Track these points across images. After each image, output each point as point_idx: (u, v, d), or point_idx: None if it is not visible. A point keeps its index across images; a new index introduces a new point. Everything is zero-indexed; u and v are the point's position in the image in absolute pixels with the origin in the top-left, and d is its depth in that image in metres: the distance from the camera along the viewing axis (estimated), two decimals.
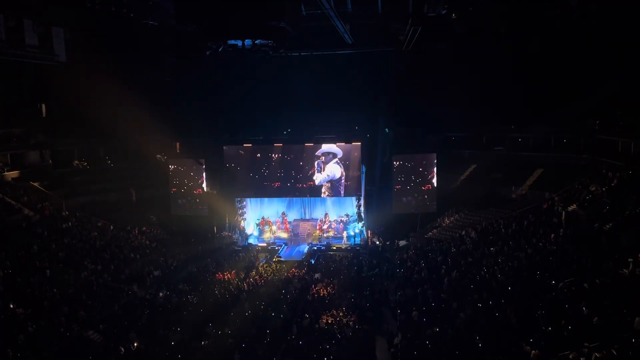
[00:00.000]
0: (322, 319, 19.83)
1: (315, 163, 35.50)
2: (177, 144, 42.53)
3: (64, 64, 21.14)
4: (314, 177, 35.64)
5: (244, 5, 21.78)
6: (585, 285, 17.70)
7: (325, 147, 35.28)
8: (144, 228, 34.70)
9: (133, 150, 42.83)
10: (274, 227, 36.92)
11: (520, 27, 26.58)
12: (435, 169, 33.37)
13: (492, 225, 29.92)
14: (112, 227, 32.69)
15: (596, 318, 15.16)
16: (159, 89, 33.40)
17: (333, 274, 26.79)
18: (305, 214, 38.39)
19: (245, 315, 20.92)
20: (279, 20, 15.34)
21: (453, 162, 37.75)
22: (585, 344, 13.76)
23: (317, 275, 26.74)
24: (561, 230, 24.41)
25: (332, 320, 19.83)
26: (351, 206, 37.13)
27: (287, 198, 37.53)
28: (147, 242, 32.45)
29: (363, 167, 34.87)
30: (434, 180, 33.48)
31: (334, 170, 35.27)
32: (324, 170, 35.39)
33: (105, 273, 26.09)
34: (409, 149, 34.36)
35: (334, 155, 35.19)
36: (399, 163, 33.88)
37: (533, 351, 14.52)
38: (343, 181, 35.34)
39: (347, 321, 19.73)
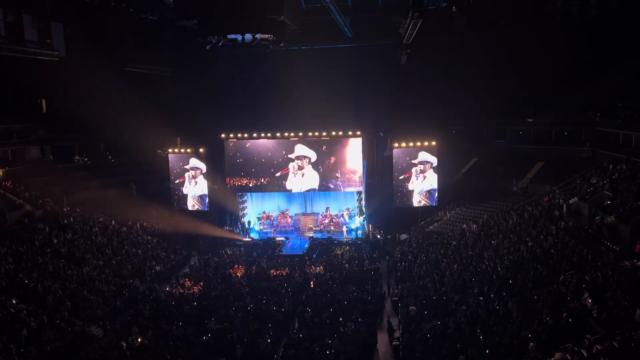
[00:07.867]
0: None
1: (290, 165, 34.60)
2: (178, 139, 42.44)
3: (64, 59, 21.08)
4: (289, 187, 34.90)
5: None
6: (586, 277, 17.74)
7: (299, 149, 34.40)
8: (145, 223, 34.79)
9: (133, 146, 42.82)
10: (275, 222, 36.86)
11: (520, 19, 26.43)
12: (436, 162, 33.29)
13: (493, 218, 29.94)
14: (113, 223, 32.74)
15: (595, 311, 15.22)
16: (159, 83, 33.36)
17: (334, 267, 26.86)
18: (306, 208, 38.33)
19: (247, 309, 21.02)
20: (279, 14, 15.25)
21: (454, 156, 37.65)
22: (587, 336, 13.82)
23: (318, 270, 26.82)
24: (562, 223, 24.43)
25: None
26: (352, 200, 37.08)
27: (288, 192, 37.37)
28: (149, 237, 32.54)
29: (364, 161, 34.75)
30: (435, 174, 33.40)
31: (312, 180, 34.50)
32: (302, 177, 34.64)
33: (107, 268, 26.21)
34: (409, 142, 34.20)
35: (309, 159, 34.46)
36: (400, 156, 33.78)
37: (531, 343, 14.60)
38: (319, 189, 34.93)
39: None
